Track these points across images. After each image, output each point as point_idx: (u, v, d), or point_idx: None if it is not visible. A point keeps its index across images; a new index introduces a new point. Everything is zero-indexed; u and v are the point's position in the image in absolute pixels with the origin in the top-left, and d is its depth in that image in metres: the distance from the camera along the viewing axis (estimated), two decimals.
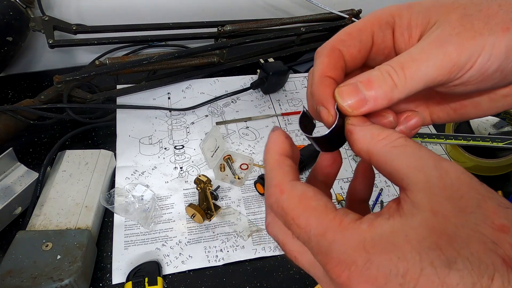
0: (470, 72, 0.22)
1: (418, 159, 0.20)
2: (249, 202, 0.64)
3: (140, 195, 0.61)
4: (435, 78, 0.22)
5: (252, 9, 0.95)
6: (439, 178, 0.19)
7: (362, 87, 0.23)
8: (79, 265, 0.49)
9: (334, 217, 0.20)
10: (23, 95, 0.80)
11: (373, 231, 0.19)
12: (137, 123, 0.74)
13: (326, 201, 0.21)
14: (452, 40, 0.22)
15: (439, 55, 0.22)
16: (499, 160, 0.68)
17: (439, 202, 0.19)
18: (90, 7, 0.84)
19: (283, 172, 0.23)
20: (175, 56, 0.76)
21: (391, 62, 0.23)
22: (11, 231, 0.57)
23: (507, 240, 0.17)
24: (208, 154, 0.65)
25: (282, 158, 0.24)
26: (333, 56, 0.25)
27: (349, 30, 0.26)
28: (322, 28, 0.92)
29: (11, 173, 0.60)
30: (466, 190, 0.19)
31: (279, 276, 0.56)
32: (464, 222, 0.18)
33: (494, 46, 0.22)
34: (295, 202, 0.22)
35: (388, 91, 0.23)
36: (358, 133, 0.23)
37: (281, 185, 0.23)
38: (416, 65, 0.22)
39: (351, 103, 0.23)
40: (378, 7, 0.26)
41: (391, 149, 0.21)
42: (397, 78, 0.22)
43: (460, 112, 0.27)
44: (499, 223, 0.18)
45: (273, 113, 0.79)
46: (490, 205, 0.18)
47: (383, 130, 0.22)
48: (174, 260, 0.56)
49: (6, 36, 0.72)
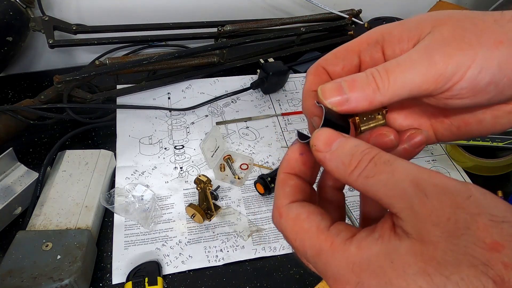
0: (460, 84, 0.22)
1: (394, 186, 0.19)
2: (249, 202, 0.64)
3: (140, 195, 0.61)
4: (419, 86, 0.22)
5: (252, 9, 0.95)
6: (421, 204, 0.18)
7: (345, 86, 0.23)
8: (79, 265, 0.49)
9: (325, 239, 0.21)
10: (23, 95, 0.80)
11: (361, 254, 0.19)
12: (137, 123, 0.74)
13: (319, 221, 0.22)
14: (440, 49, 0.22)
15: (424, 63, 0.22)
16: (499, 160, 0.68)
17: (426, 229, 0.18)
18: (90, 7, 0.84)
19: (283, 194, 0.24)
20: (175, 56, 0.76)
21: (377, 66, 0.23)
22: (11, 231, 0.57)
23: (499, 259, 0.17)
24: (208, 154, 0.65)
25: (286, 177, 0.25)
26: (317, 74, 0.26)
27: (335, 51, 0.27)
28: (322, 28, 0.92)
29: (11, 173, 0.60)
30: (452, 211, 0.18)
31: (279, 276, 0.56)
32: (453, 247, 0.17)
33: (485, 59, 0.22)
34: (291, 225, 0.23)
35: (370, 93, 0.23)
36: (329, 164, 0.22)
37: (280, 208, 0.24)
38: (400, 70, 0.22)
39: (333, 101, 0.23)
40: (378, 7, 0.26)
41: (365, 181, 0.20)
42: (380, 81, 0.22)
43: (464, 130, 0.27)
44: (491, 242, 0.17)
45: (273, 113, 0.79)
46: (481, 223, 0.17)
47: (352, 155, 0.21)
48: (174, 260, 0.56)
49: (6, 36, 0.72)
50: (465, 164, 0.70)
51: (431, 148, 0.74)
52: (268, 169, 0.68)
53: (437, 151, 0.74)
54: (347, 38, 0.93)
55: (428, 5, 0.94)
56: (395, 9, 1.04)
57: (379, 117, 0.27)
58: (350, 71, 0.26)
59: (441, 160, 0.72)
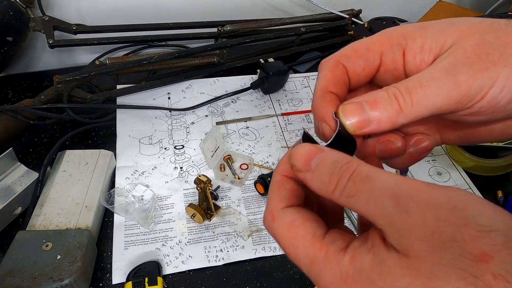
0: (481, 103, 0.22)
1: (375, 204, 0.19)
2: (249, 202, 0.64)
3: (140, 195, 0.61)
4: (442, 106, 0.22)
5: (252, 9, 0.95)
6: (402, 221, 0.18)
7: (367, 107, 0.22)
8: (79, 265, 0.49)
9: (320, 247, 0.21)
10: (23, 95, 0.80)
11: (354, 265, 0.19)
12: (137, 123, 0.74)
13: (314, 228, 0.21)
14: (464, 69, 0.21)
15: (449, 84, 0.21)
16: (499, 160, 0.68)
17: (409, 244, 0.18)
18: (90, 7, 0.84)
19: (278, 197, 0.23)
20: (175, 56, 0.76)
21: (399, 85, 0.22)
22: (11, 231, 0.57)
23: (488, 270, 0.16)
24: (208, 154, 0.65)
25: (283, 180, 0.24)
26: (336, 71, 0.25)
27: (356, 47, 0.25)
28: (322, 28, 0.92)
29: (11, 173, 0.60)
30: (435, 224, 0.17)
31: (279, 276, 0.56)
32: (440, 260, 0.17)
33: (508, 78, 0.21)
34: (285, 231, 0.22)
35: (393, 115, 0.22)
36: (311, 184, 0.22)
37: (273, 212, 0.23)
38: (424, 92, 0.22)
39: (354, 122, 0.22)
40: (378, 7, 0.26)
41: (347, 200, 0.20)
42: (403, 103, 0.22)
43: (473, 137, 0.26)
44: (479, 253, 0.16)
45: (273, 113, 0.79)
46: (467, 234, 0.17)
47: (331, 174, 0.21)
48: (174, 260, 0.56)
49: (6, 36, 0.72)
50: (465, 164, 0.70)
51: None
52: (268, 169, 0.68)
53: (437, 151, 0.74)
54: (347, 38, 0.93)
55: (428, 5, 0.94)
56: (395, 9, 1.04)
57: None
58: (370, 72, 0.25)
59: (441, 160, 0.72)
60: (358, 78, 0.25)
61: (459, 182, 0.69)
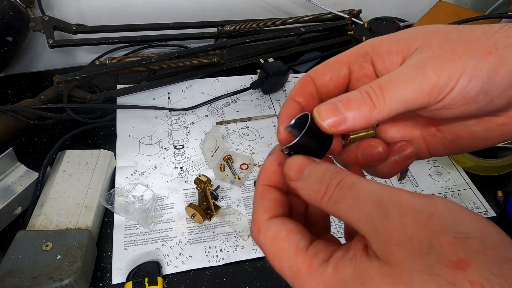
0: (451, 94, 0.22)
1: (359, 210, 0.20)
2: (249, 202, 0.64)
3: (140, 195, 0.61)
4: (414, 100, 0.22)
5: (252, 9, 0.95)
6: (384, 226, 0.19)
7: (341, 106, 0.23)
8: (79, 265, 0.49)
9: (303, 260, 0.21)
10: (23, 95, 0.80)
11: (337, 276, 0.19)
12: (137, 123, 0.74)
13: (298, 240, 0.22)
14: (431, 62, 0.22)
15: (418, 77, 0.22)
16: (499, 160, 0.68)
17: (390, 250, 0.18)
18: (90, 7, 0.84)
19: (262, 209, 0.24)
20: (175, 56, 0.76)
21: (371, 83, 0.23)
22: (11, 231, 0.57)
23: (466, 277, 0.16)
24: (208, 154, 0.65)
25: (266, 190, 0.24)
26: (303, 83, 0.26)
27: (325, 62, 0.27)
28: (322, 28, 0.92)
29: (11, 173, 0.60)
30: (414, 231, 0.18)
31: (279, 276, 0.56)
32: (419, 267, 0.17)
33: (475, 69, 0.22)
34: (269, 243, 0.23)
35: (367, 112, 0.23)
36: (302, 192, 0.23)
37: (258, 224, 0.23)
38: (395, 86, 0.22)
39: (330, 122, 0.23)
40: (378, 7, 0.27)
41: (334, 205, 0.21)
42: (376, 99, 0.22)
43: (457, 143, 0.27)
44: (456, 259, 0.17)
45: (273, 113, 0.79)
46: (445, 241, 0.17)
47: (321, 182, 0.22)
48: (174, 260, 0.56)
49: (6, 36, 0.72)
50: (465, 164, 0.70)
51: None
52: None
53: None
54: (347, 38, 0.93)
55: (428, 5, 0.94)
56: (395, 9, 1.04)
57: (369, 127, 0.26)
58: (338, 81, 0.26)
59: (441, 160, 0.72)
60: (327, 88, 0.26)
61: (459, 182, 0.69)
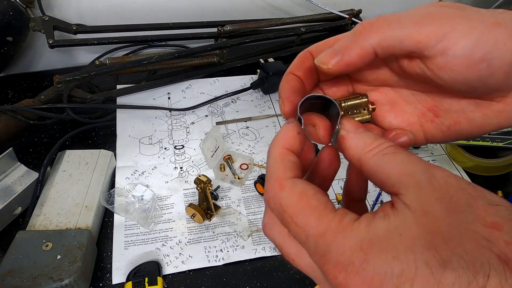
0: (454, 50, 0.22)
1: (408, 165, 0.20)
2: (249, 202, 0.64)
3: (140, 195, 0.61)
4: (412, 36, 0.23)
5: (252, 9, 0.95)
6: (428, 181, 0.19)
7: (337, 48, 0.25)
8: (79, 265, 0.49)
9: (334, 217, 0.20)
10: (23, 95, 0.80)
11: (371, 230, 0.19)
12: (137, 123, 0.74)
13: (326, 200, 0.21)
14: (439, 11, 0.23)
15: (422, 17, 0.23)
16: (499, 160, 0.68)
17: (430, 203, 0.19)
18: (90, 7, 0.84)
19: (284, 167, 0.22)
20: (175, 56, 0.76)
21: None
22: (11, 231, 0.57)
23: (501, 237, 0.17)
24: (208, 154, 0.65)
25: (286, 152, 0.23)
26: (303, 57, 0.27)
27: (327, 40, 0.28)
28: (322, 28, 0.92)
29: (11, 173, 0.60)
30: (455, 191, 0.19)
31: (279, 276, 0.56)
32: (456, 221, 0.18)
33: (483, 33, 0.22)
34: (295, 199, 0.21)
35: (352, 40, 0.24)
36: (351, 140, 0.23)
37: (281, 181, 0.22)
38: (389, 24, 0.23)
39: (322, 58, 0.25)
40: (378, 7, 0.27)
41: (381, 157, 0.21)
42: (363, 30, 0.24)
43: (455, 130, 0.27)
44: (491, 221, 0.18)
45: (273, 113, 0.79)
46: (481, 204, 0.18)
47: (375, 139, 0.22)
48: (174, 260, 0.56)
49: (6, 36, 0.72)
50: (465, 164, 0.70)
51: (431, 148, 0.74)
52: None
53: (437, 151, 0.74)
54: None
55: None
56: (395, 9, 1.04)
57: (365, 112, 0.27)
58: None
59: (441, 160, 0.72)
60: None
61: None
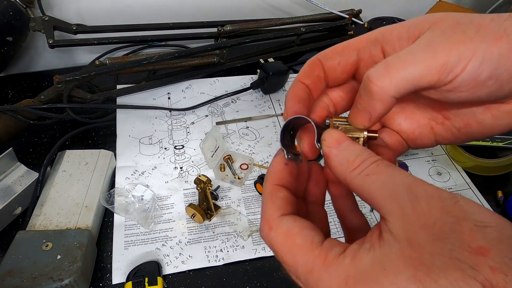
0: (462, 76, 0.22)
1: (390, 188, 0.20)
2: (249, 202, 0.64)
3: (140, 195, 0.61)
4: (423, 77, 0.22)
5: (252, 9, 0.95)
6: (411, 206, 0.19)
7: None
8: (79, 265, 0.49)
9: (319, 254, 0.21)
10: (23, 95, 0.80)
11: (355, 265, 0.19)
12: (137, 123, 0.74)
13: (312, 236, 0.22)
14: (442, 41, 0.22)
15: (427, 55, 0.22)
16: (499, 160, 0.68)
17: (414, 231, 0.18)
18: (90, 7, 0.84)
19: (273, 206, 0.24)
20: (175, 56, 0.76)
21: (378, 64, 0.23)
22: (11, 231, 0.57)
23: (486, 263, 0.17)
24: (208, 154, 0.65)
25: (275, 188, 0.24)
26: (312, 65, 0.27)
27: (335, 46, 0.27)
28: (322, 28, 0.92)
29: (11, 173, 0.60)
30: (438, 215, 0.18)
31: (279, 276, 0.56)
32: (440, 250, 0.17)
33: (486, 52, 0.22)
34: (282, 239, 0.22)
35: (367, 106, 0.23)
36: (334, 159, 0.23)
37: (270, 221, 0.23)
38: (402, 65, 0.22)
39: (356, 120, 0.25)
40: (378, 7, 0.27)
41: (365, 178, 0.21)
42: (381, 81, 0.23)
43: (465, 132, 0.27)
44: (476, 246, 0.17)
45: (273, 113, 0.79)
46: (466, 228, 0.18)
47: (357, 156, 0.22)
48: (174, 260, 0.56)
49: (6, 36, 0.72)
50: (465, 164, 0.70)
51: (431, 148, 0.74)
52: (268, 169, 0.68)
53: (437, 151, 0.74)
54: (347, 38, 0.92)
55: (428, 6, 0.94)
56: (395, 9, 1.04)
57: (361, 134, 0.26)
58: (346, 66, 0.27)
59: (441, 160, 0.72)
60: (334, 72, 0.27)
61: (459, 182, 0.69)
